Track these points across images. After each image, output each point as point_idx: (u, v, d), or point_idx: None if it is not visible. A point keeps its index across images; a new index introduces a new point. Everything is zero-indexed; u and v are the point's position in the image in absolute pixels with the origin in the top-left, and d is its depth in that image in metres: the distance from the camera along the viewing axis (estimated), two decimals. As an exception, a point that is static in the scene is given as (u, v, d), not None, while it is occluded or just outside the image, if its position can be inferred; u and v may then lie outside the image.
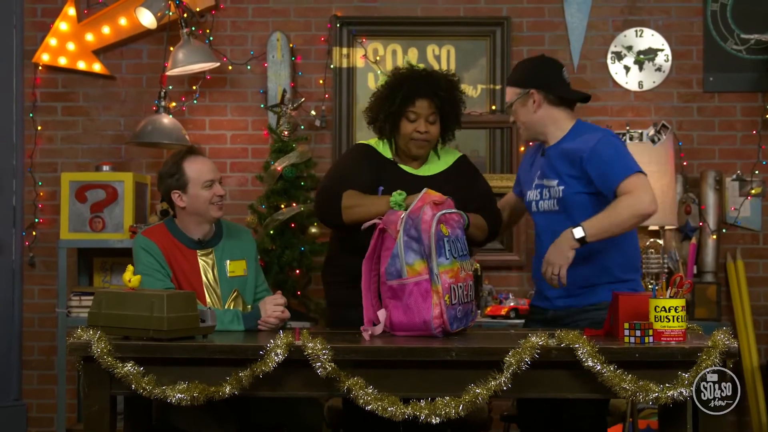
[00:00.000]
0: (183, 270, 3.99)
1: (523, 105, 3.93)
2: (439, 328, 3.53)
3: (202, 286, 4.00)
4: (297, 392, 3.35)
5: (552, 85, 3.93)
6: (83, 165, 5.90)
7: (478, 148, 5.86)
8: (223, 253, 4.08)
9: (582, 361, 3.15)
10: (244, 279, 4.11)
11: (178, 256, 3.99)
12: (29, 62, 5.91)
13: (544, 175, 3.92)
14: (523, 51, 5.88)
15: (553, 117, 3.92)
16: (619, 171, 3.71)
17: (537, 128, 3.95)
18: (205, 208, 4.00)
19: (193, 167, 4.01)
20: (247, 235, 4.27)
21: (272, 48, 5.84)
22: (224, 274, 4.05)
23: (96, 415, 3.34)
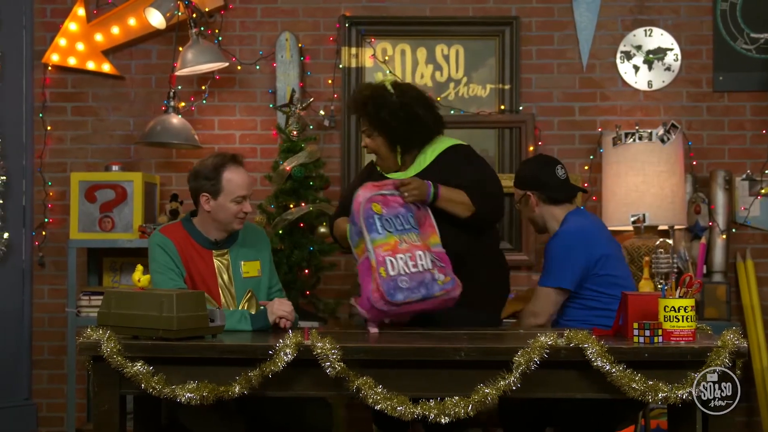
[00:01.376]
0: (199, 270, 4.00)
1: (525, 204, 4.43)
2: (380, 301, 3.67)
3: (217, 287, 4.01)
4: (306, 392, 3.35)
5: (544, 187, 4.37)
6: (93, 165, 5.91)
7: (488, 147, 5.86)
8: (238, 254, 4.09)
9: (591, 361, 3.15)
10: (258, 280, 4.12)
11: (194, 255, 4.01)
12: (39, 63, 5.92)
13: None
14: (532, 50, 5.87)
15: (550, 213, 4.40)
16: (544, 276, 4.22)
17: (539, 223, 4.45)
18: (229, 220, 4.02)
19: (232, 180, 4.00)
20: (263, 235, 4.28)
21: (281, 48, 5.85)
22: (239, 274, 4.07)
23: (106, 414, 3.35)
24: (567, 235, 4.21)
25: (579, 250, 4.15)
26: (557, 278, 4.16)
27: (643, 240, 5.34)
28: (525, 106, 5.85)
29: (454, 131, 5.83)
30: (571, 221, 4.29)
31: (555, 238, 4.24)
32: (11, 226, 5.73)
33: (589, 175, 5.78)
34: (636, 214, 5.36)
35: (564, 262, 4.14)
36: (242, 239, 4.14)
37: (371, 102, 4.19)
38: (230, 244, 4.10)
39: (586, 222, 4.32)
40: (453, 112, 5.83)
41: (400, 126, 4.17)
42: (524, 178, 4.45)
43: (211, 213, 4.01)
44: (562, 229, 4.27)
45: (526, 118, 5.80)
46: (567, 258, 4.14)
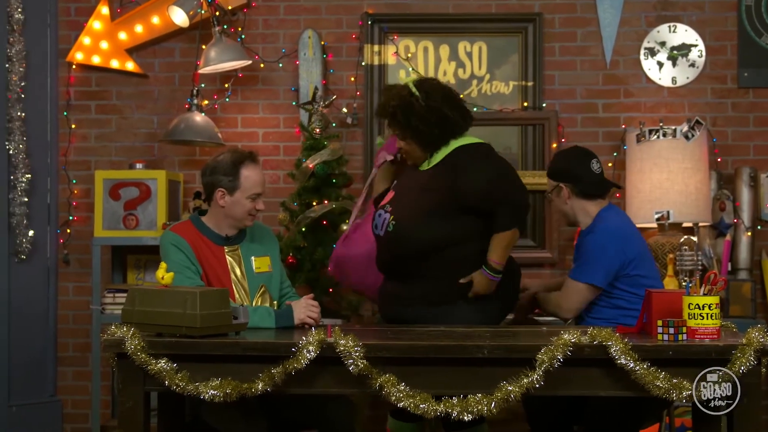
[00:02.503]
0: (212, 266, 4.02)
1: (557, 196, 4.39)
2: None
3: (230, 282, 4.02)
4: (329, 389, 3.36)
5: (579, 180, 4.31)
6: (117, 163, 5.94)
7: (511, 144, 5.84)
8: (249, 250, 4.12)
9: (615, 359, 3.14)
10: (270, 275, 4.15)
11: (206, 252, 4.02)
12: (63, 61, 5.96)
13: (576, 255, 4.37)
14: (555, 47, 5.86)
15: (582, 207, 4.34)
16: (577, 270, 4.19)
17: (570, 216, 4.41)
18: (242, 216, 4.05)
19: (250, 177, 4.05)
20: (269, 232, 4.32)
21: (304, 46, 5.85)
22: (251, 270, 4.09)
23: (130, 411, 3.37)
24: (605, 233, 4.17)
25: (615, 249, 4.12)
26: (591, 275, 4.13)
27: (668, 237, 5.32)
28: (548, 103, 5.83)
29: (477, 129, 5.81)
30: (607, 219, 4.25)
31: (591, 234, 4.20)
32: (36, 224, 5.76)
33: (613, 173, 5.75)
34: (660, 212, 5.34)
35: (599, 259, 4.12)
36: (251, 235, 4.17)
37: (400, 111, 4.19)
38: (240, 239, 4.12)
39: (622, 221, 4.30)
40: (476, 109, 5.82)
41: (431, 130, 4.17)
42: (558, 169, 4.41)
43: (225, 209, 4.04)
44: (600, 226, 4.22)
45: (549, 115, 5.78)
46: (603, 256, 4.12)
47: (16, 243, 5.64)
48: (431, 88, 4.24)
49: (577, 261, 4.25)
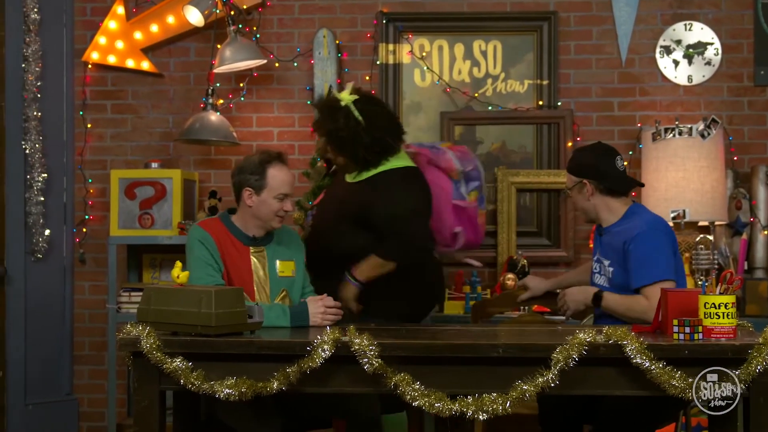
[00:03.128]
0: (235, 265, 4.02)
1: (579, 192, 4.24)
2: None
3: (252, 283, 4.03)
4: (344, 388, 3.36)
5: (604, 176, 4.17)
6: (132, 162, 5.96)
7: (526, 143, 5.84)
8: (275, 253, 4.12)
9: (630, 358, 3.13)
10: (292, 280, 4.14)
11: (231, 251, 4.03)
12: (79, 61, 5.98)
13: (602, 254, 4.20)
14: (571, 46, 5.84)
15: (606, 204, 4.20)
16: (646, 275, 3.96)
17: (591, 214, 4.25)
18: (269, 217, 4.05)
19: (276, 176, 4.04)
20: (296, 237, 4.31)
21: (318, 45, 5.85)
22: (275, 273, 4.09)
23: (146, 409, 3.38)
24: (658, 229, 4.05)
25: (670, 243, 4.06)
26: (664, 271, 3.98)
27: (684, 236, 5.30)
28: (563, 102, 5.82)
29: (493, 128, 5.85)
30: (650, 215, 4.18)
31: (645, 233, 4.00)
32: (52, 224, 5.78)
33: (628, 171, 5.72)
34: (676, 210, 5.32)
35: (664, 254, 4.00)
36: (278, 238, 4.17)
37: (335, 131, 4.42)
38: (267, 241, 4.12)
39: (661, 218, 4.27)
40: (490, 108, 5.81)
41: (368, 155, 4.41)
42: (582, 165, 4.24)
43: (252, 208, 4.04)
44: (651, 220, 4.10)
45: (564, 113, 5.77)
46: (664, 250, 4.00)
47: (33, 242, 5.66)
48: (374, 115, 4.44)
49: (637, 266, 3.99)
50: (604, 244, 4.19)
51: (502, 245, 5.72)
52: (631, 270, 3.98)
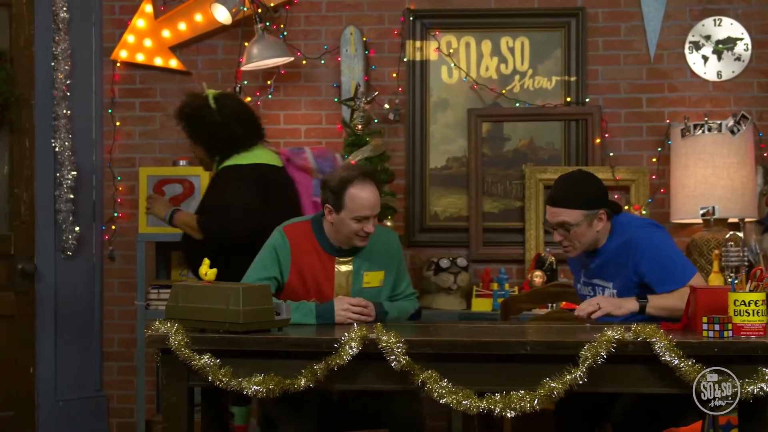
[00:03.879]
0: (314, 273, 3.97)
1: (589, 225, 3.92)
2: None
3: (332, 293, 3.98)
4: (371, 385, 3.36)
5: (609, 201, 3.99)
6: (161, 160, 5.99)
7: (553, 140, 5.82)
8: (362, 264, 4.03)
9: (659, 356, 3.11)
10: (378, 290, 4.05)
11: (313, 258, 3.97)
12: (108, 59, 6.01)
13: (595, 276, 4.02)
14: (599, 42, 5.81)
15: (606, 228, 3.96)
16: (680, 276, 3.83)
17: (592, 242, 3.97)
18: (349, 236, 3.93)
19: (356, 199, 3.86)
20: (394, 242, 4.15)
21: (346, 42, 5.86)
22: (359, 284, 4.01)
23: (174, 406, 3.39)
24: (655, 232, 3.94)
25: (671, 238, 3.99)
26: (688, 262, 3.94)
27: (713, 233, 5.26)
28: (591, 98, 5.79)
29: (521, 124, 5.83)
30: (637, 220, 4.10)
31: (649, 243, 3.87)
32: (82, 221, 5.82)
33: (657, 168, 5.70)
34: (705, 207, 5.29)
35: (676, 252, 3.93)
36: (370, 248, 4.02)
37: (192, 118, 4.68)
38: (356, 251, 4.01)
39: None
40: (518, 104, 5.80)
41: (215, 141, 4.66)
42: (594, 196, 3.94)
43: (333, 225, 3.94)
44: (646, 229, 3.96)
45: (592, 110, 5.75)
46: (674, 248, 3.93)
47: (62, 240, 5.70)
48: (226, 105, 4.70)
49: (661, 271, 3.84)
50: (596, 266, 4.01)
51: (530, 242, 5.71)
52: (657, 283, 3.84)
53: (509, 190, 5.85)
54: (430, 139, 5.88)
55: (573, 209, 3.90)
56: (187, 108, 4.71)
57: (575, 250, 3.98)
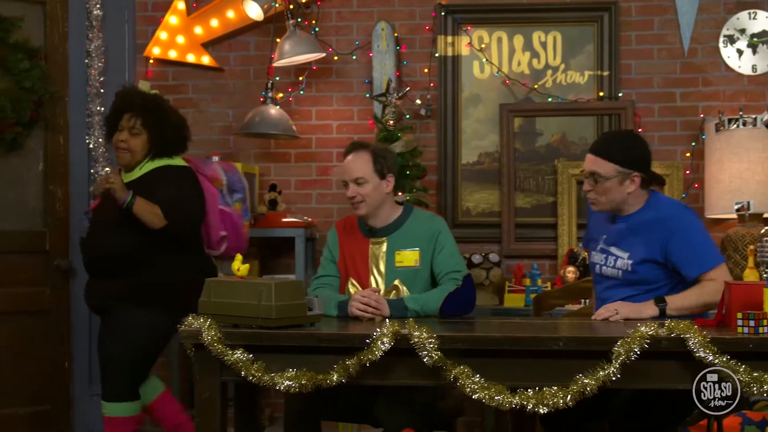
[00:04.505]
0: (353, 256, 4.11)
1: (620, 183, 3.88)
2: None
3: (368, 274, 4.08)
4: (404, 381, 3.36)
5: (649, 170, 3.94)
6: (192, 156, 5.99)
7: (586, 135, 5.79)
8: (396, 243, 4.09)
9: (693, 352, 3.09)
10: (415, 270, 4.06)
11: (352, 242, 4.13)
12: (141, 56, 6.05)
13: (614, 243, 3.95)
14: (632, 36, 5.78)
15: (637, 195, 3.92)
16: (708, 260, 3.78)
17: (620, 204, 3.93)
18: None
19: (341, 167, 4.17)
20: (435, 224, 4.14)
21: (377, 38, 5.86)
22: (392, 264, 4.07)
23: (207, 401, 3.40)
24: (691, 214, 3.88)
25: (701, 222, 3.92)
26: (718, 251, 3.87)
27: (748, 228, 5.22)
28: (624, 93, 5.76)
29: (552, 119, 5.80)
30: (674, 201, 4.03)
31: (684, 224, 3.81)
32: (115, 217, 5.85)
33: (691, 162, 5.66)
34: (740, 202, 5.24)
35: (709, 238, 3.86)
36: (407, 228, 4.11)
37: (160, 109, 4.58)
38: (390, 232, 4.12)
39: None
40: (550, 99, 5.78)
41: (170, 139, 4.56)
42: (635, 157, 3.90)
43: None
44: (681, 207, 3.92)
45: (625, 104, 5.71)
46: (707, 235, 3.86)
47: (97, 235, 5.73)
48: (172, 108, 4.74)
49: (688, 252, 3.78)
50: (618, 233, 3.94)
51: (563, 238, 5.69)
52: (683, 264, 3.79)
53: (541, 186, 5.83)
54: (461, 135, 5.87)
55: (608, 162, 3.88)
56: (158, 98, 4.69)
57: (599, 204, 3.95)
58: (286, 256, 5.90)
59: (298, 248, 5.48)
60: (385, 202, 4.12)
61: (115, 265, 4.43)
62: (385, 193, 4.11)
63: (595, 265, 4.06)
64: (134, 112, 4.50)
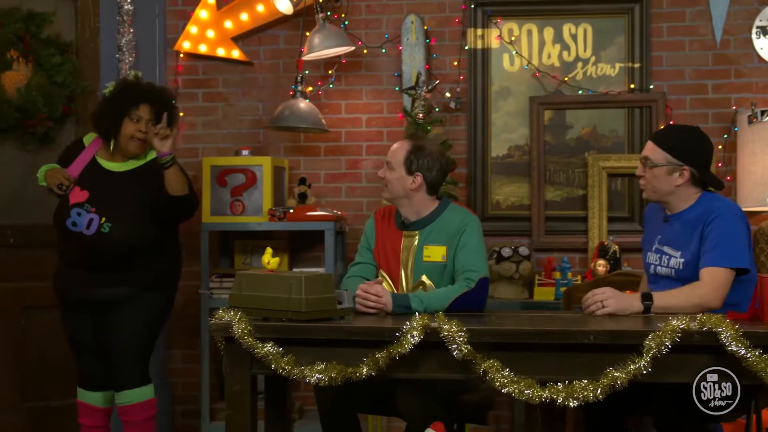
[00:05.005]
0: (386, 248, 4.15)
1: (669, 173, 3.88)
2: None
3: (398, 267, 4.10)
4: (433, 374, 3.36)
5: (704, 169, 3.90)
6: (223, 150, 6.03)
7: (617, 127, 5.76)
8: (427, 238, 4.10)
9: (725, 345, 3.07)
10: (442, 266, 4.06)
11: (388, 233, 4.17)
12: (171, 50, 6.07)
13: (667, 243, 3.93)
14: (663, 27, 5.73)
15: (687, 192, 3.90)
16: (718, 256, 3.71)
17: (666, 197, 3.93)
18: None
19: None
20: (467, 220, 4.12)
21: (407, 31, 5.85)
22: (420, 258, 4.08)
23: (237, 393, 3.42)
24: (737, 215, 3.82)
25: (747, 231, 3.83)
26: (738, 258, 3.74)
27: (781, 221, 5.18)
28: (655, 85, 5.72)
29: (583, 111, 5.78)
30: (727, 201, 3.95)
31: (725, 216, 3.77)
32: (146, 210, 5.88)
33: (723, 155, 5.62)
34: (773, 194, 5.20)
35: (741, 240, 3.78)
36: (439, 223, 4.11)
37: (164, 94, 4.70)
38: (422, 226, 4.12)
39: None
40: (581, 92, 5.75)
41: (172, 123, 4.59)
42: (689, 149, 3.88)
43: None
44: (730, 208, 3.85)
45: (656, 96, 5.67)
46: (742, 236, 3.79)
47: (128, 229, 5.76)
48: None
49: (713, 247, 3.75)
50: (671, 232, 3.93)
51: (593, 231, 5.66)
52: (705, 251, 3.75)
53: (571, 179, 5.81)
54: (491, 128, 5.85)
55: (661, 149, 3.89)
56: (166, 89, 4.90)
57: (647, 192, 3.97)
58: (316, 249, 5.91)
59: (327, 241, 5.49)
60: (410, 197, 4.12)
61: (135, 256, 4.51)
62: (409, 189, 4.10)
63: (649, 266, 4.02)
64: (152, 104, 4.57)
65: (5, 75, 5.28)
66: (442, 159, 4.17)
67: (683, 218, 3.90)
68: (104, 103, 4.69)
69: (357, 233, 5.87)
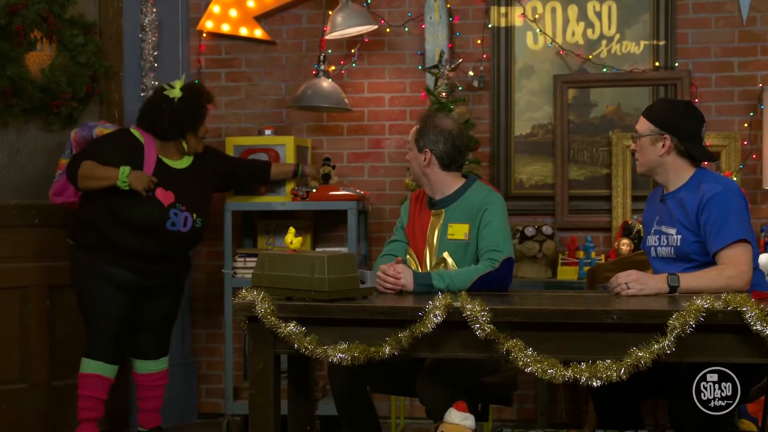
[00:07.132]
0: (415, 227, 4.18)
1: (652, 144, 3.87)
2: None
3: (424, 245, 4.12)
4: (456, 354, 3.36)
5: (687, 139, 3.86)
6: (246, 129, 6.04)
7: (641, 105, 5.69)
8: (452, 216, 4.10)
9: (750, 325, 3.05)
10: (465, 244, 4.04)
11: (419, 213, 4.19)
12: (194, 30, 6.07)
13: (663, 222, 3.90)
14: (689, 4, 5.68)
15: (675, 165, 3.87)
16: (725, 236, 3.66)
17: (656, 169, 3.91)
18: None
19: None
20: (491, 199, 4.09)
21: (429, 9, 5.82)
22: (444, 236, 4.09)
23: (261, 373, 3.44)
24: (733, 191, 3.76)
25: (745, 206, 3.79)
26: (742, 230, 3.69)
27: (807, 200, 5.14)
28: (681, 63, 5.67)
29: (608, 90, 5.74)
30: (720, 177, 3.90)
31: (720, 195, 3.72)
32: (170, 190, 5.89)
33: (749, 133, 5.57)
34: (799, 173, 5.16)
35: (741, 215, 3.72)
36: (463, 201, 4.11)
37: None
38: (447, 204, 4.13)
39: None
40: (605, 70, 5.71)
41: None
42: (670, 119, 3.87)
43: None
44: (724, 182, 3.81)
45: (682, 74, 5.63)
46: (741, 211, 3.73)
47: (152, 209, 5.78)
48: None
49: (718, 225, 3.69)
50: (667, 211, 3.89)
51: (617, 210, 5.63)
52: (709, 235, 3.70)
53: (596, 157, 5.78)
54: (515, 107, 5.83)
55: (646, 120, 3.92)
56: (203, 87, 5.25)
57: (638, 165, 3.97)
58: (339, 228, 5.92)
59: (350, 221, 5.49)
60: (427, 176, 4.12)
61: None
62: (423, 167, 4.11)
63: (650, 248, 3.98)
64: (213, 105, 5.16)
65: (29, 56, 5.29)
66: (447, 132, 4.10)
67: (677, 196, 3.86)
68: (182, 107, 4.93)
69: (380, 213, 5.87)
